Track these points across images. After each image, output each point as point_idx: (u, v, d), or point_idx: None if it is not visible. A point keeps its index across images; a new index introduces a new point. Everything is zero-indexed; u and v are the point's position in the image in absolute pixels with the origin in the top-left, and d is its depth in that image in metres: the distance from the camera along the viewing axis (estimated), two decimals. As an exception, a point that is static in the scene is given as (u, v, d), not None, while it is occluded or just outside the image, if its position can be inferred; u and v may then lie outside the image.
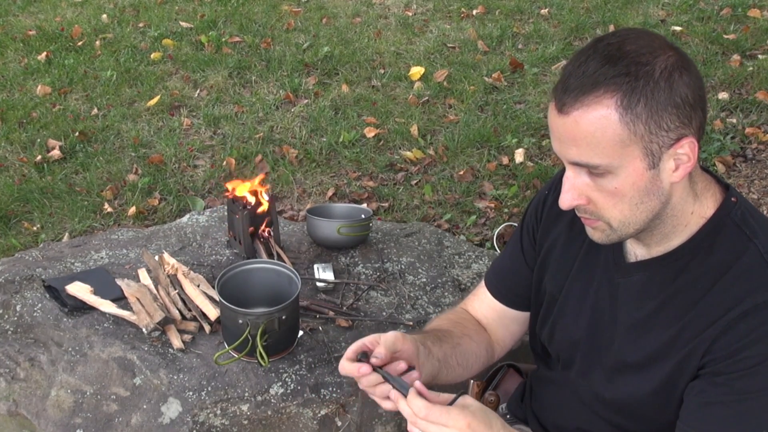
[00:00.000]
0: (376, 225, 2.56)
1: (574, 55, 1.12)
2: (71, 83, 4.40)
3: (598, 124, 1.08)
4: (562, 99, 1.10)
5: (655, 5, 5.02)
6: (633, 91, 1.06)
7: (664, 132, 1.09)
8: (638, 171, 1.11)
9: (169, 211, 3.31)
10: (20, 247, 3.04)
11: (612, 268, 1.29)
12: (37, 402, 1.84)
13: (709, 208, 1.19)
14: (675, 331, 1.19)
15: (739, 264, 1.15)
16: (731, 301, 1.13)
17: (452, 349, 1.43)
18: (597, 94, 1.07)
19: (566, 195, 1.16)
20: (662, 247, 1.22)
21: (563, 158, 1.14)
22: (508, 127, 3.80)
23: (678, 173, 1.12)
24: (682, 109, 1.08)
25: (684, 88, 1.08)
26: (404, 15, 5.15)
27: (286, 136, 3.82)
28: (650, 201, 1.14)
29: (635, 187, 1.12)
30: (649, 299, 1.23)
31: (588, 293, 1.33)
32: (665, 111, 1.07)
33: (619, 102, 1.06)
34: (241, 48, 4.74)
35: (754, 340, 1.10)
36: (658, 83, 1.07)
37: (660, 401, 1.22)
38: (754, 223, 1.18)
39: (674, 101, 1.07)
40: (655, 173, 1.12)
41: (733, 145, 3.56)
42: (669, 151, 1.10)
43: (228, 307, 1.78)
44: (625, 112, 1.07)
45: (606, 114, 1.07)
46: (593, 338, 1.32)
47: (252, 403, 1.78)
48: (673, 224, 1.19)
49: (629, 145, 1.09)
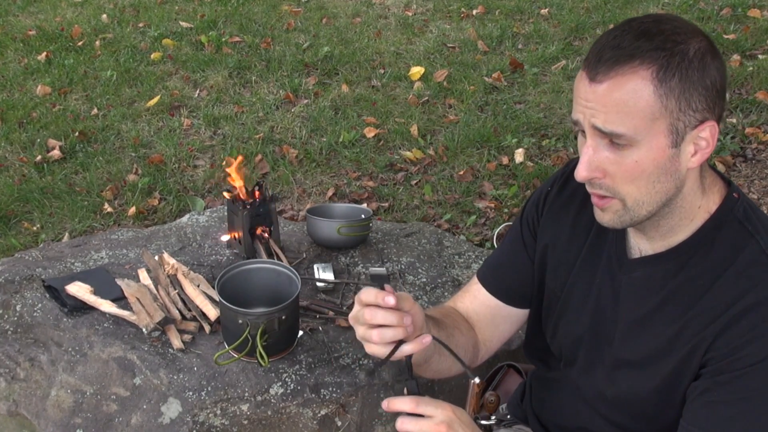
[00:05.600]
0: (376, 225, 2.56)
1: (606, 32, 1.14)
2: (71, 83, 4.40)
3: (633, 94, 1.09)
4: (596, 68, 1.10)
5: (655, 5, 5.02)
6: (669, 66, 1.08)
7: (692, 112, 1.10)
8: (660, 147, 1.11)
9: (169, 211, 3.31)
10: (20, 247, 3.04)
11: (615, 264, 1.29)
12: (37, 402, 1.84)
13: (713, 203, 1.20)
14: (677, 328, 1.19)
15: (741, 260, 1.15)
16: (732, 298, 1.13)
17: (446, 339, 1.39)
18: (633, 65, 1.08)
19: (583, 165, 1.15)
20: (665, 242, 1.22)
21: (587, 126, 1.13)
22: (508, 127, 3.80)
23: (695, 158, 1.13)
24: (710, 92, 1.10)
25: (714, 72, 1.10)
26: (404, 15, 5.15)
27: (286, 136, 3.82)
28: (666, 181, 1.14)
29: (655, 162, 1.12)
30: (651, 296, 1.23)
31: (591, 290, 1.32)
32: (696, 90, 1.09)
33: (655, 74, 1.08)
34: (241, 48, 4.74)
35: (755, 337, 1.10)
36: (692, 62, 1.08)
37: (662, 399, 1.22)
38: (756, 220, 1.18)
39: (705, 83, 1.09)
40: (676, 153, 1.12)
41: (733, 145, 3.56)
42: (692, 133, 1.11)
43: (228, 307, 1.78)
44: (660, 85, 1.08)
45: (642, 85, 1.08)
46: (596, 335, 1.31)
47: (252, 403, 1.78)
48: (681, 216, 1.19)
49: (658, 119, 1.10)
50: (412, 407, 1.13)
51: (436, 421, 1.13)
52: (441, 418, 1.13)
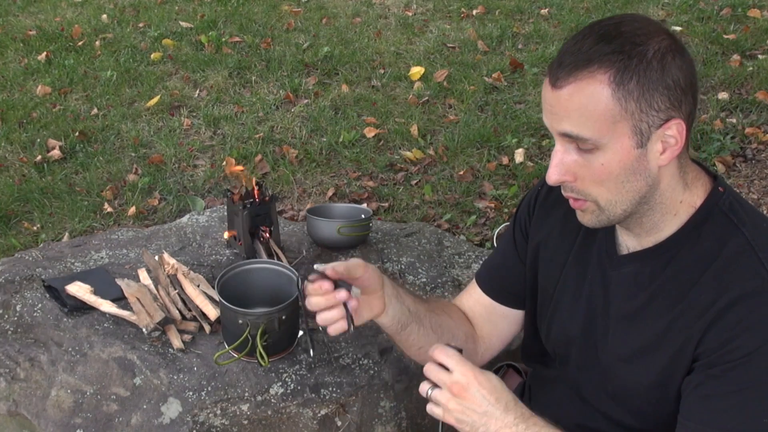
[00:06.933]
0: (376, 225, 2.56)
1: (571, 36, 1.16)
2: (71, 83, 4.40)
3: (591, 98, 1.10)
4: (556, 74, 1.12)
5: (655, 5, 5.02)
6: (626, 69, 1.09)
7: (654, 112, 1.11)
8: (626, 148, 1.13)
9: (169, 211, 3.31)
10: (20, 247, 3.04)
11: (605, 261, 1.30)
12: (37, 402, 1.84)
13: (698, 197, 1.20)
14: (667, 321, 1.19)
15: (727, 252, 1.15)
16: (719, 291, 1.13)
17: (428, 313, 1.47)
18: (591, 70, 1.10)
19: (554, 169, 1.18)
20: (652, 237, 1.23)
21: (554, 132, 1.16)
22: (508, 127, 3.80)
23: (665, 156, 1.14)
24: (673, 91, 1.10)
25: (676, 71, 1.10)
26: (404, 15, 5.15)
27: (286, 136, 3.82)
28: (636, 181, 1.15)
29: (621, 164, 1.14)
30: (641, 291, 1.23)
31: (582, 287, 1.33)
32: (656, 90, 1.10)
33: (612, 78, 1.09)
34: (241, 48, 4.75)
35: (744, 329, 1.10)
36: (651, 63, 1.09)
37: (658, 394, 1.23)
38: (742, 212, 1.19)
39: (665, 82, 1.10)
40: (642, 153, 1.13)
41: (733, 145, 3.56)
42: (657, 132, 1.12)
43: (228, 307, 1.78)
44: (617, 88, 1.09)
45: (599, 89, 1.10)
46: (588, 332, 1.32)
47: (252, 403, 1.78)
48: (662, 212, 1.20)
49: (619, 121, 1.11)
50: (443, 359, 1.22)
51: (453, 379, 1.20)
52: (457, 378, 1.19)
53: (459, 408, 1.19)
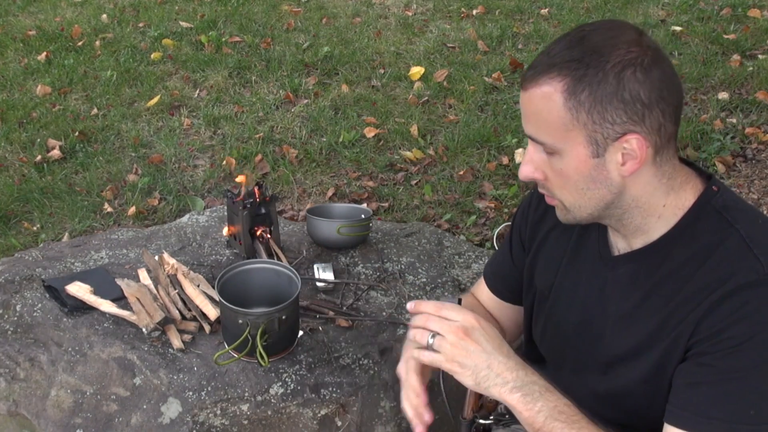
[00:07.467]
0: (376, 225, 2.56)
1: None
2: (71, 83, 4.40)
3: (545, 104, 1.11)
4: (525, 75, 1.14)
5: (655, 5, 5.02)
6: (580, 79, 1.09)
7: (609, 124, 1.10)
8: (581, 157, 1.13)
9: (169, 211, 3.31)
10: (20, 247, 3.04)
11: (599, 262, 1.30)
12: (37, 402, 1.84)
13: (687, 200, 1.20)
14: (662, 318, 1.19)
15: (722, 248, 1.15)
16: (715, 284, 1.13)
17: None
18: (550, 76, 1.10)
19: (524, 167, 1.20)
20: (640, 239, 1.23)
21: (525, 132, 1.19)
22: (508, 127, 3.80)
23: (626, 168, 1.14)
24: (631, 105, 1.09)
25: (635, 85, 1.09)
26: (404, 15, 5.15)
27: (286, 136, 3.82)
28: (597, 190, 1.16)
29: (578, 172, 1.15)
30: (636, 290, 1.24)
31: (577, 289, 1.34)
32: (610, 104, 1.09)
33: (565, 87, 1.09)
34: (241, 48, 4.74)
35: (737, 320, 1.10)
36: (607, 75, 1.08)
37: (651, 389, 1.23)
38: (735, 210, 1.18)
39: (621, 96, 1.09)
40: (600, 162, 1.13)
41: (733, 145, 3.56)
42: (615, 144, 1.12)
43: (228, 307, 1.78)
44: (569, 97, 1.09)
45: (552, 96, 1.11)
46: (584, 334, 1.33)
47: (252, 403, 1.78)
48: (643, 216, 1.20)
49: (572, 130, 1.11)
50: (436, 310, 1.21)
51: (458, 324, 1.20)
52: (462, 323, 1.20)
53: (462, 352, 1.20)
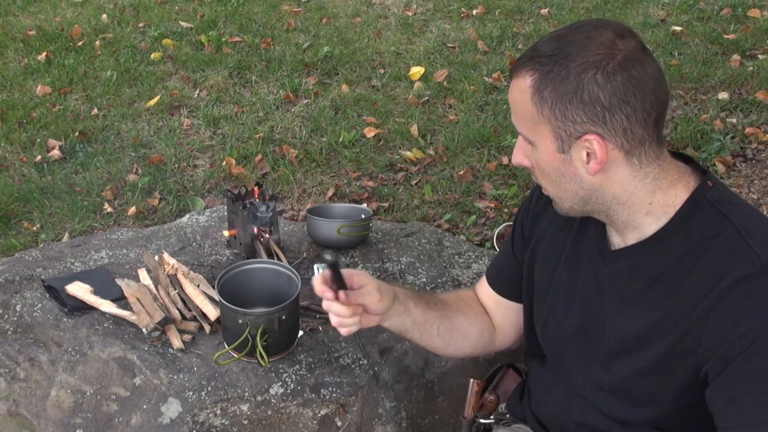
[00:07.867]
0: (376, 225, 2.56)
1: None
2: (71, 83, 4.40)
3: (519, 96, 1.18)
4: (513, 66, 1.19)
5: (655, 5, 5.02)
6: (546, 76, 1.13)
7: (570, 122, 1.14)
8: (549, 151, 1.18)
9: (169, 211, 3.31)
10: (20, 247, 3.04)
11: (597, 256, 1.31)
12: (37, 402, 1.84)
13: (679, 197, 1.20)
14: (661, 312, 1.20)
15: (717, 242, 1.16)
16: (713, 280, 1.14)
17: (437, 319, 1.51)
18: (526, 69, 1.16)
19: (514, 152, 1.26)
20: (632, 235, 1.24)
21: None
22: (508, 127, 3.80)
23: (590, 166, 1.17)
24: (591, 106, 1.12)
25: (594, 87, 1.11)
26: (404, 15, 5.15)
27: (286, 136, 3.82)
28: (569, 185, 1.20)
29: (549, 164, 1.20)
30: (635, 284, 1.24)
31: (576, 284, 1.34)
32: (570, 103, 1.13)
33: (533, 82, 1.15)
34: (241, 48, 4.74)
35: (743, 315, 1.10)
36: (569, 75, 1.12)
37: (656, 384, 1.23)
38: (730, 203, 1.19)
39: (581, 97, 1.12)
40: (567, 158, 1.18)
41: (733, 145, 3.56)
42: (578, 143, 1.16)
43: (228, 307, 1.78)
44: (535, 93, 1.15)
45: (523, 90, 1.16)
46: (585, 328, 1.33)
47: (252, 403, 1.78)
48: (629, 213, 1.21)
49: (539, 124, 1.17)
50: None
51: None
52: None
53: None
